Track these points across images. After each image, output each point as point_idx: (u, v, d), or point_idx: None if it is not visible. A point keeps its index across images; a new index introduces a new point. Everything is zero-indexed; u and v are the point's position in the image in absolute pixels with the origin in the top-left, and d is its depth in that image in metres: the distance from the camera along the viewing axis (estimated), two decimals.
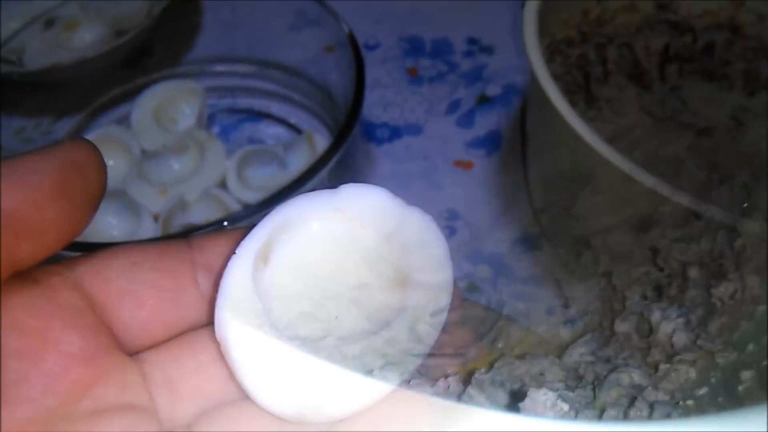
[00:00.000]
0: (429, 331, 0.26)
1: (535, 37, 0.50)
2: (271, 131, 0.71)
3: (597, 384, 0.32)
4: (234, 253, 0.26)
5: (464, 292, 0.60)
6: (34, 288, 0.24)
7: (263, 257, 0.27)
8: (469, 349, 0.31)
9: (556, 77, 0.56)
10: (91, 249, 0.27)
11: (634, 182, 0.42)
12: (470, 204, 0.67)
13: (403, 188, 0.67)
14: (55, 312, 0.24)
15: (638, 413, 0.29)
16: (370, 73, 0.72)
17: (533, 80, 0.49)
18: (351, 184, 0.28)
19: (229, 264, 0.26)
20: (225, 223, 0.49)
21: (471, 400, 0.29)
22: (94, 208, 0.24)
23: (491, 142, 0.71)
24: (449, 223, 0.65)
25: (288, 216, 0.27)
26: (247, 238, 0.27)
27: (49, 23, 0.66)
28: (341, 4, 0.63)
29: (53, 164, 0.23)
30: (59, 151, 0.23)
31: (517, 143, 0.70)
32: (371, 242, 0.27)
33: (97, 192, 0.24)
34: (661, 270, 0.41)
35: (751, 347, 0.32)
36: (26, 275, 0.24)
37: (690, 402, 0.30)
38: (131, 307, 0.26)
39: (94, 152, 0.24)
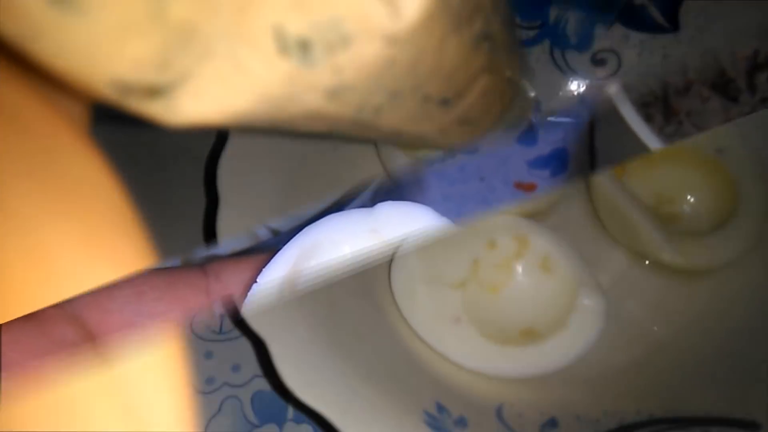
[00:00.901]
0: None
1: None
2: None
3: None
4: (256, 281, 0.26)
5: None
6: (25, 321, 0.24)
7: (290, 286, 0.26)
8: None
9: (629, 88, 0.55)
10: None
11: None
12: None
13: (456, 213, 0.67)
14: (50, 349, 0.23)
15: None
16: None
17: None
18: (389, 202, 0.28)
19: (250, 294, 0.26)
20: None
21: None
22: None
23: (557, 161, 0.71)
24: None
25: (317, 239, 0.27)
26: (270, 265, 0.26)
27: None
28: None
29: None
30: None
31: (586, 162, 0.70)
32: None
33: None
34: None
35: None
36: None
37: None
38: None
39: None
